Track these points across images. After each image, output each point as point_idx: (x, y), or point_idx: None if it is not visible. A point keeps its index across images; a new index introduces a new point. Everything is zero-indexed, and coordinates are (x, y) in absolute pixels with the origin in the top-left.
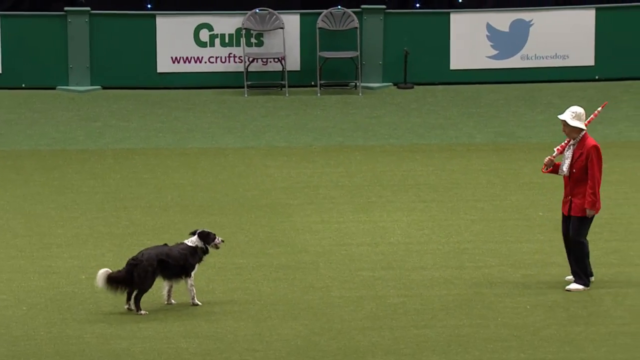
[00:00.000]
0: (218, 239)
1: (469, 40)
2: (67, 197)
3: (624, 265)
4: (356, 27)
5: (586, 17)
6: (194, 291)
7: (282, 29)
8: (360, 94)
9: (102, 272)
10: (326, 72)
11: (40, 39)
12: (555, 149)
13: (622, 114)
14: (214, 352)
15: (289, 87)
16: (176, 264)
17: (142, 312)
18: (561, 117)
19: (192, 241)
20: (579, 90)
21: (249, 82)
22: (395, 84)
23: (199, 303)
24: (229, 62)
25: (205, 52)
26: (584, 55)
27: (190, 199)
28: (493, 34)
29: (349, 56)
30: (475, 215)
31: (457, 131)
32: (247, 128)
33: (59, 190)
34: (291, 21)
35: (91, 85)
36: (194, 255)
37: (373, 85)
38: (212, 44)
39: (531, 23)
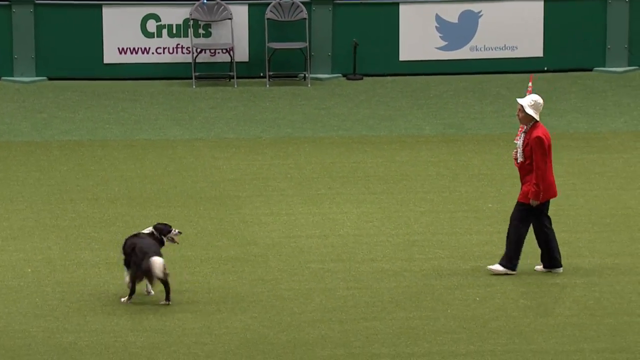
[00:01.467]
0: (174, 231)
1: (418, 31)
2: (12, 189)
3: (572, 256)
4: (305, 18)
5: (535, 9)
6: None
7: (230, 20)
8: (309, 85)
9: (158, 262)
10: (275, 64)
11: None
12: (516, 141)
13: (570, 105)
14: (162, 345)
15: (238, 78)
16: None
17: (123, 299)
18: (520, 100)
19: (148, 231)
20: (527, 82)
21: (197, 74)
22: (344, 75)
23: (152, 292)
24: (177, 53)
25: (153, 43)
26: (532, 46)
27: (137, 191)
28: (442, 25)
29: (298, 47)
30: (425, 207)
31: (406, 122)
32: (195, 120)
33: (3, 182)
34: (239, 12)
35: (36, 76)
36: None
37: (322, 77)
38: (159, 35)
39: (480, 14)
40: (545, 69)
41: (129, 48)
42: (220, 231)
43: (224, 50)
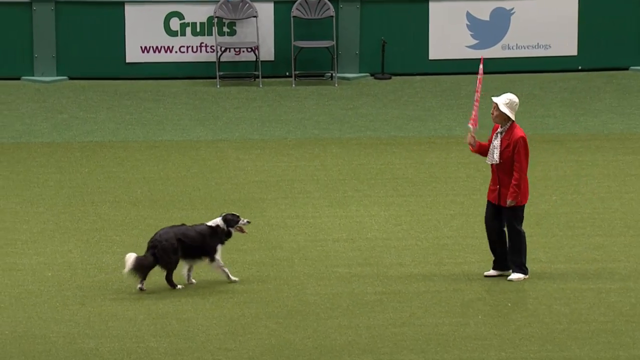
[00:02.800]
0: (243, 220)
1: (448, 29)
2: (33, 191)
3: (607, 261)
4: (332, 16)
5: (569, 6)
6: (226, 270)
7: (255, 18)
8: (336, 85)
9: (130, 257)
10: (301, 62)
11: (5, 27)
12: (470, 125)
13: (605, 105)
14: (185, 351)
15: (263, 77)
16: (193, 244)
17: (179, 286)
18: (495, 99)
19: (214, 222)
20: (561, 81)
21: (221, 73)
22: (372, 75)
23: (236, 279)
24: (201, 51)
25: (176, 42)
26: (566, 44)
27: (160, 193)
28: (473, 23)
29: (325, 46)
30: (455, 210)
31: (436, 123)
32: (220, 120)
33: (23, 184)
34: (265, 9)
35: (57, 75)
36: (214, 237)
37: (349, 76)
38: (182, 33)
39: (512, 12)
40: (580, 67)
41: (152, 47)
42: (245, 235)
43: (249, 49)
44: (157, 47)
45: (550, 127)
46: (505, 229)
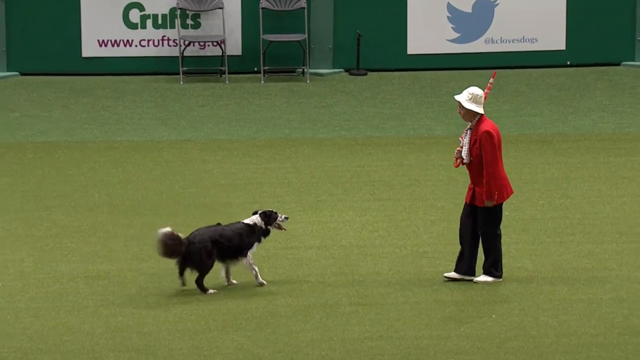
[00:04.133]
0: (281, 217)
1: (428, 22)
2: None
3: (598, 269)
4: (303, 7)
5: None
6: (256, 269)
7: (221, 9)
8: (308, 81)
9: (166, 231)
10: (270, 57)
11: None
12: (460, 138)
13: (595, 103)
14: None
15: (230, 73)
16: (230, 244)
17: (210, 291)
18: (457, 97)
19: (251, 219)
20: (548, 77)
21: (185, 68)
22: (346, 70)
23: (264, 282)
24: (163, 45)
25: (136, 35)
26: (554, 38)
27: (119, 197)
28: (454, 15)
29: (296, 39)
30: (436, 215)
31: (415, 122)
32: (184, 119)
33: None
34: (232, 0)
35: (8, 71)
36: (251, 235)
37: (322, 72)
38: (143, 26)
39: (496, 3)
40: (568, 63)
41: (110, 40)
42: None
43: (215, 43)
44: (115, 41)
45: (537, 127)
46: (479, 230)
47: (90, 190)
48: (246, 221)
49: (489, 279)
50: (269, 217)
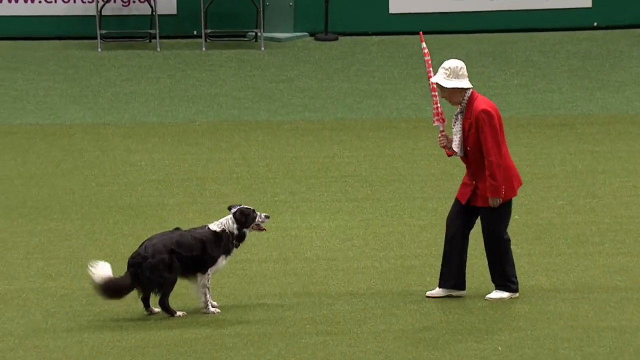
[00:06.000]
0: (260, 216)
1: None
2: None
3: (632, 289)
4: None
5: None
6: (208, 295)
7: None
8: (262, 49)
9: (103, 270)
10: (214, 18)
11: None
12: (434, 122)
13: (630, 76)
14: None
15: (161, 38)
16: (190, 254)
17: (178, 313)
18: (433, 79)
19: (219, 223)
20: (569, 43)
21: (104, 32)
22: (312, 35)
23: (215, 311)
24: (75, 2)
25: None
26: None
27: (19, 197)
28: None
29: None
30: (425, 219)
31: (399, 101)
32: (102, 97)
33: None
34: None
35: None
36: (216, 245)
37: (281, 36)
38: None
39: None
40: (595, 24)
41: None
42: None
43: None
44: None
45: (555, 106)
46: (483, 236)
47: None
48: (212, 226)
49: (505, 294)
50: (246, 218)
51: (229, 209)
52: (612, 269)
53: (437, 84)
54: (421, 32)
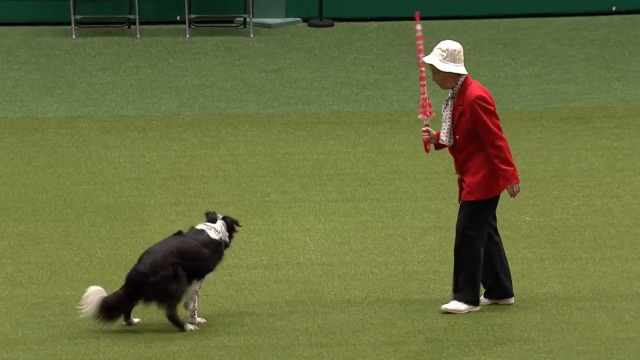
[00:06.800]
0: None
1: None
2: None
3: None
4: None
5: None
6: (197, 302)
7: None
8: (251, 35)
9: (95, 293)
10: (198, 2)
11: None
12: (420, 114)
13: None
14: None
15: (142, 24)
16: (192, 264)
17: (190, 326)
18: (427, 59)
19: (215, 231)
20: (586, 29)
21: (79, 17)
22: (305, 20)
23: (200, 321)
24: None
25: None
26: None
27: None
28: None
29: None
30: (429, 221)
31: (400, 92)
32: (76, 87)
33: None
34: None
35: None
36: (214, 255)
37: (271, 22)
38: None
39: None
40: (614, 9)
41: None
42: (116, 259)
43: None
44: None
45: (570, 98)
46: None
47: None
48: (211, 234)
49: (462, 306)
50: (231, 227)
51: (210, 217)
52: (632, 275)
53: (431, 64)
54: (417, 13)
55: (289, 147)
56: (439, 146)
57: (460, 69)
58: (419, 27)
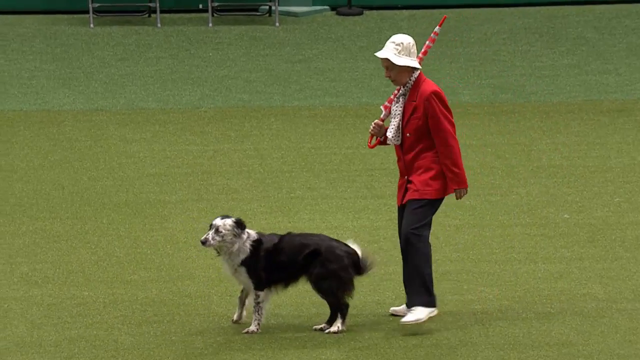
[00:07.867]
0: None
1: None
2: None
3: None
4: None
5: None
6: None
7: None
8: (277, 24)
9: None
10: None
11: None
12: (382, 107)
13: None
14: None
15: (162, 12)
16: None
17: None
18: (379, 54)
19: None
20: (628, 17)
21: (97, 5)
22: (333, 9)
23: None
24: None
25: None
26: None
27: (1, 193)
28: None
29: None
30: (463, 218)
31: None
32: (94, 79)
33: None
34: None
35: None
36: None
37: (298, 11)
38: None
39: None
40: None
41: None
42: (136, 257)
43: None
44: None
45: (612, 90)
46: (399, 240)
47: None
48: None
49: (422, 313)
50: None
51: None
52: None
53: (385, 58)
54: (445, 17)
55: (315, 141)
56: (383, 144)
57: (415, 62)
58: (438, 29)
